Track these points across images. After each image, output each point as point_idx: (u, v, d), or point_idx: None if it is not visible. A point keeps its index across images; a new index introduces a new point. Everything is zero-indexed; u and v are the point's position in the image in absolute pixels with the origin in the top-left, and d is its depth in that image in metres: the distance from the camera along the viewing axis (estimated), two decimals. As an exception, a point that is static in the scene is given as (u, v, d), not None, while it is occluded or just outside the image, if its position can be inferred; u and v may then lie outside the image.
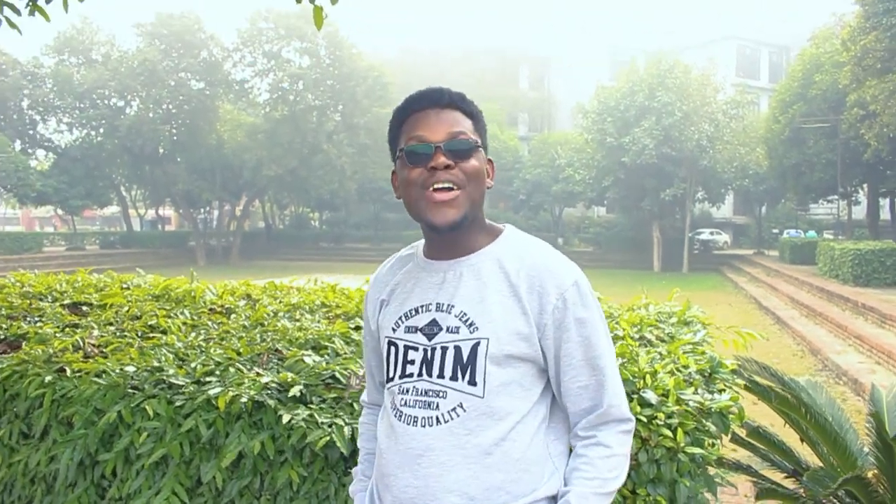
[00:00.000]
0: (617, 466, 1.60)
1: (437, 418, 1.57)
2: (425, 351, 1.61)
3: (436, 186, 1.57)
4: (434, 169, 1.57)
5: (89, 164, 40.38)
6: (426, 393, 1.59)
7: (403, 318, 1.67)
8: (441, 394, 1.58)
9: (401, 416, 1.62)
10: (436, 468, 1.56)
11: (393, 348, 1.67)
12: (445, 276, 1.65)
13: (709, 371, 2.75)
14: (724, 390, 2.58)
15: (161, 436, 2.58)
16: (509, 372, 1.57)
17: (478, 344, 1.56)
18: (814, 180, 30.36)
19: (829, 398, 3.86)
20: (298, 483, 2.47)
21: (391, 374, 1.67)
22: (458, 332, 1.58)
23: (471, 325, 1.57)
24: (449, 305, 1.61)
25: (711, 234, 44.86)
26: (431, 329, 1.61)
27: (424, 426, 1.58)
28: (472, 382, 1.55)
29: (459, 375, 1.56)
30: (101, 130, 40.06)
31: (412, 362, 1.62)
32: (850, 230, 33.25)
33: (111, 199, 45.63)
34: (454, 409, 1.56)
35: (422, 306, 1.65)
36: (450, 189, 1.58)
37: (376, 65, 42.40)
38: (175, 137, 40.53)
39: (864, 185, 31.22)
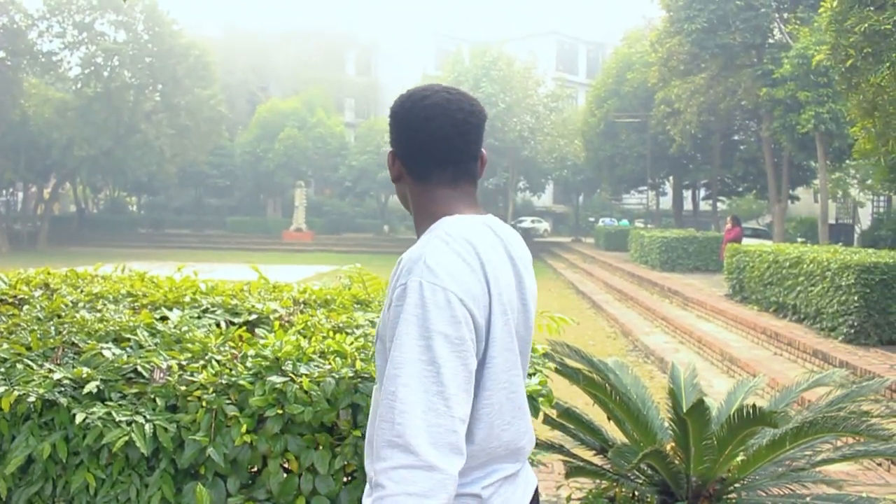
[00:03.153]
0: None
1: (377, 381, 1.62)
2: None
3: None
4: None
5: None
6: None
7: None
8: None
9: None
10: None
11: None
12: None
13: (520, 356, 2.81)
14: (534, 374, 2.65)
15: (-66, 442, 2.33)
16: (385, 356, 1.51)
17: (379, 320, 1.62)
18: (626, 172, 32.23)
19: (635, 377, 4.08)
20: (96, 486, 2.31)
21: None
22: None
23: None
24: None
25: (533, 222, 46.52)
26: None
27: (375, 385, 1.65)
28: (374, 355, 1.69)
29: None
30: None
31: None
32: (659, 219, 35.57)
33: None
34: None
35: None
36: None
37: (198, 43, 40.61)
38: (-30, 111, 37.03)
39: (671, 177, 33.46)
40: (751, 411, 2.79)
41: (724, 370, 10.23)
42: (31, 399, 2.27)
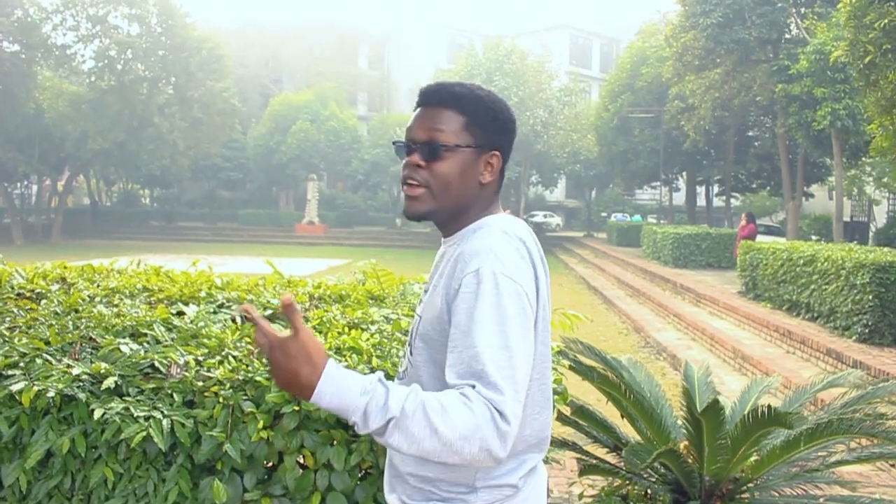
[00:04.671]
0: (466, 424, 1.36)
1: (401, 374, 1.75)
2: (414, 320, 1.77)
3: (407, 181, 1.68)
4: (409, 165, 1.67)
5: None
6: (405, 354, 1.77)
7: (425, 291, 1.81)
8: (405, 355, 1.75)
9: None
10: None
11: None
12: (438, 253, 1.78)
13: (535, 354, 2.81)
14: (550, 372, 2.64)
15: (-46, 436, 2.36)
16: (435, 357, 1.59)
17: (417, 320, 1.69)
18: (639, 167, 32.11)
19: (648, 375, 4.07)
20: (114, 480, 2.33)
21: None
22: (419, 307, 1.74)
23: (422, 301, 1.72)
24: (426, 281, 1.79)
25: (545, 216, 46.38)
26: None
27: (398, 378, 1.77)
28: (411, 353, 1.69)
29: (408, 345, 1.73)
30: None
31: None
32: (671, 215, 35.42)
33: None
34: (404, 370, 1.73)
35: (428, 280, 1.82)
36: (415, 185, 1.66)
37: (211, 36, 40.66)
38: (-15, 104, 37.22)
39: (684, 173, 33.31)
40: (765, 412, 2.78)
41: (736, 367, 10.19)
42: (51, 394, 2.29)
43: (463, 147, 1.66)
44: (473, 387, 1.41)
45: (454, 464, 1.42)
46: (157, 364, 2.46)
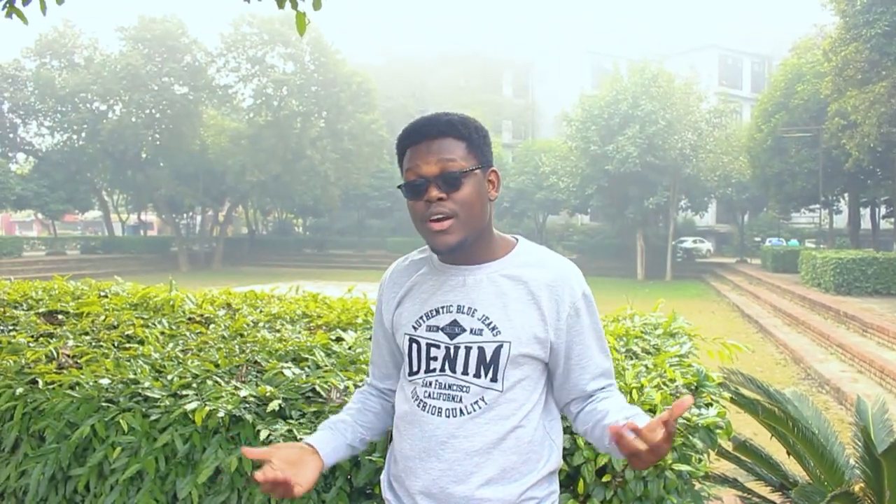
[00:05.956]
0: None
1: (461, 410, 1.76)
2: (447, 349, 1.78)
3: (432, 217, 1.72)
4: (429, 201, 1.72)
5: (71, 169, 40.09)
6: (449, 387, 1.78)
7: (425, 318, 1.83)
8: (464, 388, 1.76)
9: (425, 406, 1.80)
10: (459, 453, 1.75)
11: (415, 345, 1.83)
12: (466, 281, 1.81)
13: (695, 385, 2.71)
14: (711, 404, 2.54)
15: (136, 450, 2.51)
16: (524, 370, 1.77)
17: (500, 346, 1.74)
18: (796, 189, 30.54)
19: (816, 410, 3.83)
20: (277, 500, 2.40)
21: (414, 369, 1.83)
22: (481, 335, 1.75)
23: (493, 328, 1.74)
24: (471, 309, 1.77)
25: (694, 242, 44.99)
26: (453, 329, 1.78)
27: (448, 416, 1.77)
28: (494, 379, 1.75)
29: (482, 373, 1.75)
30: (83, 134, 39.75)
31: (435, 359, 1.79)
32: (832, 239, 33.48)
33: (93, 203, 45.26)
34: (476, 402, 1.75)
35: (443, 307, 1.81)
36: (445, 218, 1.72)
37: (360, 70, 42.28)
38: (158, 142, 40.24)
39: (846, 195, 31.47)
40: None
41: (911, 403, 9.44)
42: (221, 414, 2.39)
43: (473, 170, 1.76)
44: (611, 384, 1.87)
45: None
46: (318, 388, 2.53)
